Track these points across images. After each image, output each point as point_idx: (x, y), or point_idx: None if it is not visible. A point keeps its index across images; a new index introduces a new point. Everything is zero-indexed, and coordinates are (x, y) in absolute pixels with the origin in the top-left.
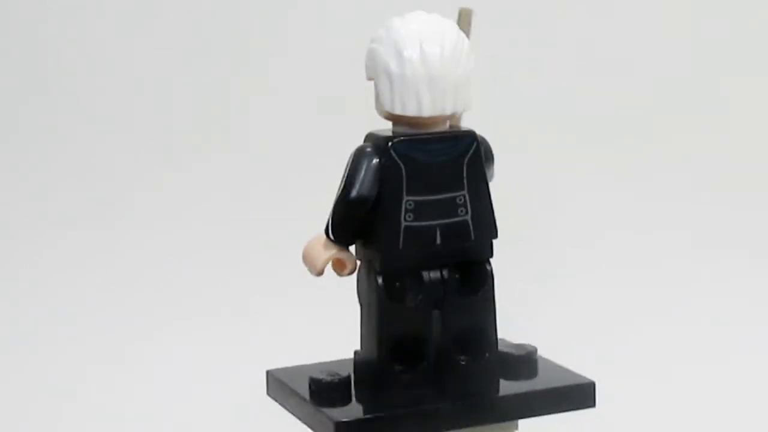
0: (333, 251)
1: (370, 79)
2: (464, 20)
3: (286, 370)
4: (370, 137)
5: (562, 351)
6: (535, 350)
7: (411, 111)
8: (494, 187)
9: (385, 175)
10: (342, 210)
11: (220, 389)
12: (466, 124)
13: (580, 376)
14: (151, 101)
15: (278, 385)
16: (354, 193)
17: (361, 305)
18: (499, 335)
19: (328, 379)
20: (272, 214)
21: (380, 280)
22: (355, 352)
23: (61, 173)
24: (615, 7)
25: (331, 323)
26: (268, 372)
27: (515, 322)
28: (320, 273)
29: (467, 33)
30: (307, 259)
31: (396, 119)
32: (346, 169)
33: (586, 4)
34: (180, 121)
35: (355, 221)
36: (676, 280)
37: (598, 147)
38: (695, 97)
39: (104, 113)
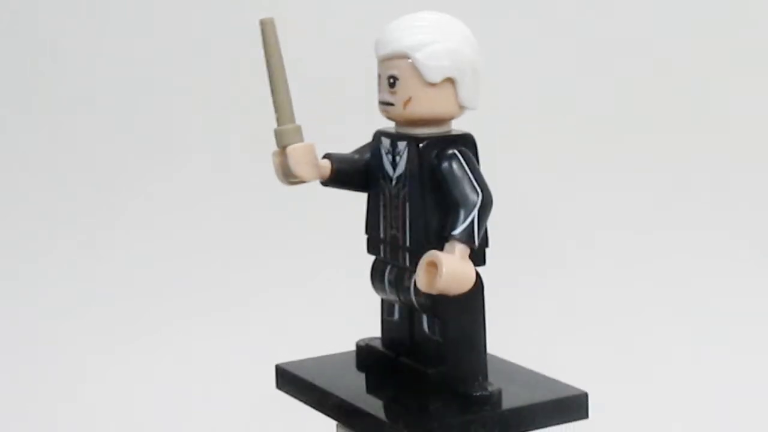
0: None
1: (444, 79)
2: (269, 31)
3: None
4: (444, 137)
5: (562, 351)
6: None
7: (479, 104)
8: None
9: None
10: (488, 212)
11: (219, 388)
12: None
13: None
14: (150, 100)
15: None
16: (491, 192)
17: (452, 298)
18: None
19: None
20: (272, 213)
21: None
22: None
23: (61, 172)
24: (615, 5)
25: (333, 319)
26: None
27: (514, 323)
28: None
29: (275, 43)
30: (462, 281)
31: (452, 116)
32: (463, 172)
33: (585, 2)
34: (179, 121)
35: None
36: (676, 280)
37: (598, 147)
38: (695, 97)
39: (104, 112)
